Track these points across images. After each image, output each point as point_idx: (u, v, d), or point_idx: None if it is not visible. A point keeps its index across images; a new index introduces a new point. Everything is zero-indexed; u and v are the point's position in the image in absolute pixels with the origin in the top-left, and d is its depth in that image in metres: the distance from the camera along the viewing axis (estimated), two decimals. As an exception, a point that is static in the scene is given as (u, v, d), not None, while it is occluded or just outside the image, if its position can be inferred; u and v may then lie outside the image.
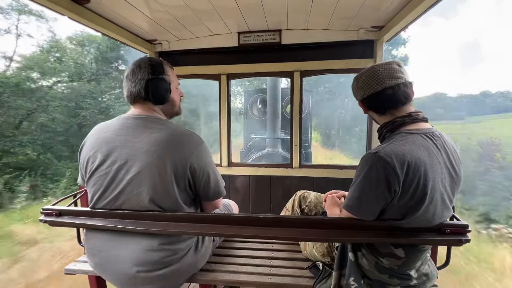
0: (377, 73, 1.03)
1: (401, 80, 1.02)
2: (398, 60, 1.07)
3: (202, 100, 14.40)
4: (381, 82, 1.02)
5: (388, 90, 1.02)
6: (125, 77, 1.15)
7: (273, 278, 1.26)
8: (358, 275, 1.08)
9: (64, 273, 1.36)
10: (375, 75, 1.03)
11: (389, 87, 1.01)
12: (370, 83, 1.04)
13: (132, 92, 1.13)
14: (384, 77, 1.02)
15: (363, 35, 2.14)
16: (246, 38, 2.26)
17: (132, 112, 1.16)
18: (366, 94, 1.07)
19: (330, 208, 1.30)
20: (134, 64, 1.14)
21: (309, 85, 15.51)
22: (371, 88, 1.05)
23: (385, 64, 1.04)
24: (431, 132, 0.99)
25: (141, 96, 1.14)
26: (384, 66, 1.03)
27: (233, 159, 2.59)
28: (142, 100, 1.15)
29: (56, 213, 1.14)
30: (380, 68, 1.03)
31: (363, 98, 1.10)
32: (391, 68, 1.02)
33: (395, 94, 1.02)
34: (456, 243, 0.96)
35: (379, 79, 1.02)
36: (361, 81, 1.08)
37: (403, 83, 1.02)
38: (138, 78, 1.12)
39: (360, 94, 1.11)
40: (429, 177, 0.92)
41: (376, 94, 1.04)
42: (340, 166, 2.44)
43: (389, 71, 1.02)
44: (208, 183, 1.15)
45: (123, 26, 1.94)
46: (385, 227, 0.98)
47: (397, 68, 1.03)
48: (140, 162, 1.02)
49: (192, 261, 1.19)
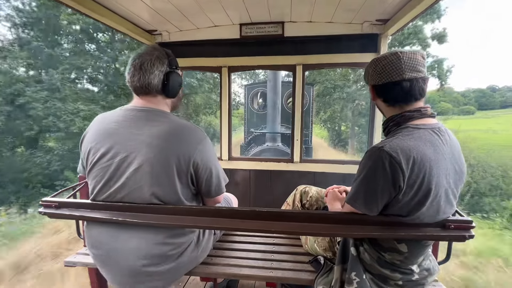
0: (399, 61, 0.95)
1: (421, 74, 0.96)
2: (423, 52, 1.00)
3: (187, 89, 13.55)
4: (401, 72, 0.96)
5: (406, 82, 0.96)
6: (138, 67, 1.06)
7: (275, 272, 1.26)
8: (360, 269, 1.08)
9: (64, 265, 1.36)
10: (396, 63, 0.96)
11: (407, 80, 0.96)
12: (390, 70, 0.97)
13: (149, 84, 1.07)
14: (405, 67, 0.95)
15: (368, 28, 2.10)
16: (248, 30, 2.22)
17: (135, 104, 1.12)
18: (382, 81, 1.00)
19: (332, 203, 1.29)
20: (152, 55, 1.07)
21: (314, 74, 14.91)
22: (388, 76, 0.98)
23: (410, 53, 0.96)
24: (437, 128, 0.98)
25: (157, 89, 1.10)
26: (408, 55, 0.95)
27: (233, 153, 2.58)
28: (155, 93, 1.11)
29: (55, 205, 1.12)
30: (404, 56, 0.95)
31: (376, 84, 1.04)
32: (415, 59, 0.95)
33: (411, 89, 0.96)
34: (460, 238, 0.95)
35: (400, 68, 0.95)
36: (380, 66, 0.99)
37: (422, 77, 0.96)
38: (158, 69, 1.08)
39: (375, 79, 1.03)
40: (434, 173, 0.90)
41: (392, 84, 0.98)
42: (342, 161, 2.43)
43: (412, 61, 0.95)
44: (211, 179, 1.13)
45: (122, 16, 1.89)
46: (388, 222, 0.98)
47: (421, 60, 0.96)
48: (142, 156, 1.00)
49: (193, 255, 1.19)
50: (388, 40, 2.13)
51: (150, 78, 1.07)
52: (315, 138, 14.08)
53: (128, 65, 1.09)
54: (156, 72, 1.07)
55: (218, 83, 13.46)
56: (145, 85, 1.08)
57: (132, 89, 1.12)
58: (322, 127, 20.03)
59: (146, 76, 1.07)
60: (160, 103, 1.14)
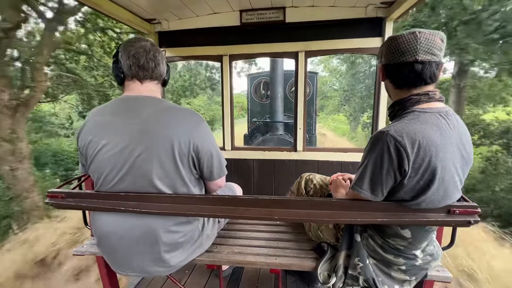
0: (416, 41, 0.90)
1: (436, 58, 0.92)
2: (443, 34, 0.94)
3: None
4: (415, 53, 0.91)
5: (418, 65, 0.92)
6: (148, 52, 1.08)
7: (279, 259, 1.27)
8: (364, 255, 1.08)
9: (73, 254, 1.39)
10: (412, 43, 0.91)
11: (419, 62, 0.92)
12: (404, 49, 0.92)
13: (161, 70, 1.14)
14: (421, 48, 0.90)
15: (372, 12, 2.04)
16: (248, 16, 2.17)
17: (131, 92, 1.11)
18: (394, 60, 0.96)
19: (336, 190, 1.28)
20: (151, 44, 1.11)
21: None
22: (401, 55, 0.94)
23: (429, 34, 0.91)
24: (444, 112, 0.95)
25: (162, 75, 1.16)
26: (427, 35, 0.90)
27: (236, 142, 2.57)
28: (157, 80, 1.15)
29: (61, 196, 1.14)
30: (421, 36, 0.90)
31: (388, 63, 1.00)
32: (433, 41, 0.90)
33: (422, 72, 0.93)
34: (465, 224, 0.94)
35: (415, 48, 0.91)
36: (395, 44, 0.94)
37: (436, 62, 0.92)
38: (162, 58, 1.14)
39: (387, 58, 0.99)
40: (440, 158, 0.89)
41: (402, 65, 0.94)
42: (345, 149, 2.41)
43: (429, 43, 0.90)
44: (212, 160, 1.14)
45: (121, 4, 1.86)
46: (393, 208, 0.97)
47: (439, 43, 0.92)
48: (143, 143, 1.00)
49: (198, 243, 1.21)
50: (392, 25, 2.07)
51: (162, 65, 1.15)
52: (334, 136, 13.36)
53: (131, 50, 1.07)
54: (160, 60, 1.14)
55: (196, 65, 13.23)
56: (158, 70, 1.13)
57: (139, 72, 1.08)
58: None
59: (157, 62, 1.12)
60: (158, 91, 1.16)
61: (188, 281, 1.87)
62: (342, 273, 1.11)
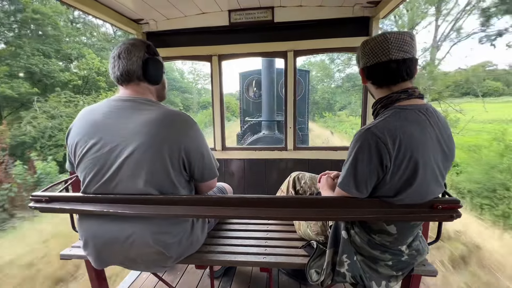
0: (386, 41, 0.96)
1: (408, 55, 0.96)
2: (412, 32, 1.00)
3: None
4: (388, 53, 0.96)
5: (393, 63, 0.96)
6: (117, 56, 1.08)
7: (268, 258, 1.28)
8: (351, 252, 1.10)
9: (60, 258, 1.37)
10: (383, 44, 0.96)
11: (394, 60, 0.96)
12: (377, 51, 0.98)
13: (128, 70, 1.08)
14: (392, 48, 0.95)
15: (359, 11, 2.06)
16: (237, 16, 2.16)
17: (121, 94, 1.12)
18: (369, 62, 1.02)
19: (324, 188, 1.30)
20: (128, 43, 1.09)
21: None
22: (375, 57, 0.99)
23: (397, 33, 0.96)
24: (425, 108, 0.97)
25: (137, 75, 1.10)
26: (395, 35, 0.96)
27: (229, 143, 2.57)
28: (137, 80, 1.11)
29: (46, 199, 1.12)
30: (391, 37, 0.96)
31: (365, 66, 1.05)
32: (402, 39, 0.95)
33: (398, 69, 0.97)
34: (447, 218, 0.97)
35: (387, 49, 0.96)
36: (368, 47, 1.01)
37: (409, 58, 0.96)
38: (136, 56, 1.08)
39: (363, 61, 1.04)
40: (421, 153, 0.91)
41: (379, 65, 0.99)
42: (335, 147, 2.44)
43: (399, 42, 0.95)
44: (203, 163, 1.14)
45: (107, 4, 1.83)
46: (378, 205, 0.99)
47: (409, 40, 0.96)
48: (132, 144, 1.00)
49: (188, 244, 1.20)
50: (380, 25, 2.09)
51: (129, 64, 1.08)
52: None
53: (110, 59, 1.11)
54: (134, 58, 1.08)
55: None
56: (125, 72, 1.09)
57: (115, 80, 1.12)
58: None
59: (125, 63, 1.08)
60: (145, 92, 1.14)
61: (180, 281, 1.86)
62: (330, 270, 1.12)
